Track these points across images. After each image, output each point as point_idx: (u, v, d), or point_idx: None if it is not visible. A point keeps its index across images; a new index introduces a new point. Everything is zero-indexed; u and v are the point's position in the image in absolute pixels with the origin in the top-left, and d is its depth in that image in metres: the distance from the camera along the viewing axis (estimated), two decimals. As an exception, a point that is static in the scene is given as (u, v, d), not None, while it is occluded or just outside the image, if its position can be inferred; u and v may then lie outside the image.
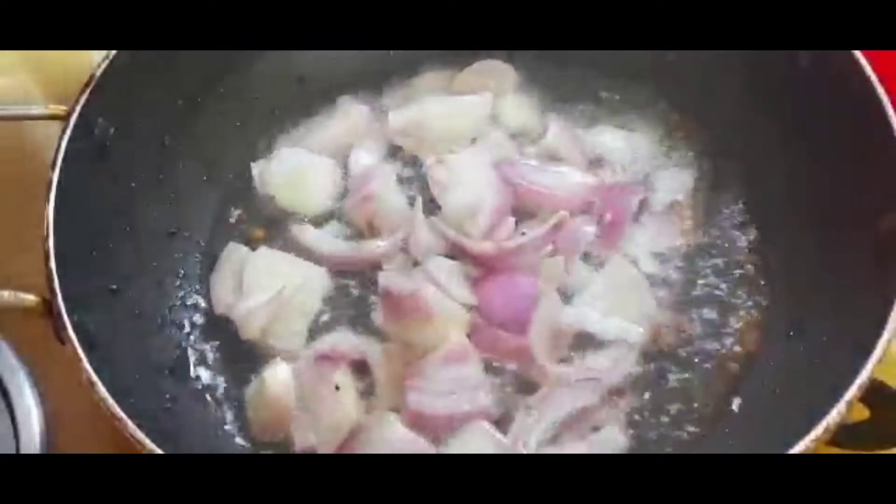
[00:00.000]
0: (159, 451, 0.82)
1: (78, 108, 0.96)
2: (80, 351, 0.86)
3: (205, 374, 1.03)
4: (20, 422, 0.87)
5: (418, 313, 0.98)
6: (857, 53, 0.96)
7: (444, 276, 1.01)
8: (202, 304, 1.07)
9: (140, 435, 0.82)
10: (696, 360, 1.00)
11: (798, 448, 0.80)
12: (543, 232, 1.04)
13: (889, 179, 0.92)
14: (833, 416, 0.81)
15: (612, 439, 0.96)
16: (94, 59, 1.00)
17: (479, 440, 0.94)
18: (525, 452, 0.94)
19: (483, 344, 0.99)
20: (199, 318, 1.06)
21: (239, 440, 0.99)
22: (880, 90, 0.94)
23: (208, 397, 1.01)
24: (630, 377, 0.99)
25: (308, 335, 1.03)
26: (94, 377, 0.84)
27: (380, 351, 1.00)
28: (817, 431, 0.81)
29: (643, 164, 1.13)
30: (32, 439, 0.84)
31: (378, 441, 0.94)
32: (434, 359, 0.96)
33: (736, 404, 0.97)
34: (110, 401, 0.83)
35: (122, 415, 0.83)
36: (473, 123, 1.15)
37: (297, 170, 1.13)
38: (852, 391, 0.82)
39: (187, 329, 1.05)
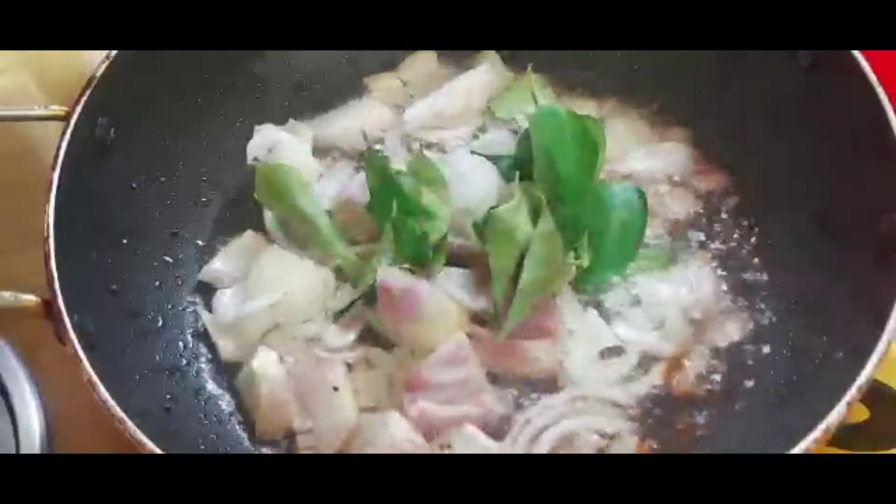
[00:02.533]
0: (159, 451, 0.82)
1: (78, 109, 0.96)
2: (80, 351, 0.86)
3: (205, 374, 1.03)
4: (20, 422, 0.87)
5: (416, 313, 0.97)
6: (857, 53, 0.96)
7: (455, 288, 1.00)
8: (202, 304, 1.07)
9: (140, 435, 0.82)
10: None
11: (798, 448, 0.80)
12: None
13: (889, 179, 0.92)
14: (833, 416, 0.81)
15: (624, 448, 0.95)
16: (94, 59, 1.00)
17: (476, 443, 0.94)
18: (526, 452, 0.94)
19: (487, 354, 0.99)
20: (199, 318, 1.06)
21: (239, 440, 0.99)
22: (880, 90, 0.94)
23: (208, 397, 1.01)
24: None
25: (308, 336, 1.02)
26: (94, 377, 0.84)
27: (379, 352, 1.00)
28: (817, 431, 0.81)
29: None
30: (32, 439, 0.84)
31: (378, 441, 0.94)
32: (434, 360, 0.96)
33: (737, 405, 0.98)
34: (110, 401, 0.84)
35: (122, 415, 0.83)
36: (485, 95, 1.16)
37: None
38: (852, 391, 0.82)
39: (187, 329, 1.05)
